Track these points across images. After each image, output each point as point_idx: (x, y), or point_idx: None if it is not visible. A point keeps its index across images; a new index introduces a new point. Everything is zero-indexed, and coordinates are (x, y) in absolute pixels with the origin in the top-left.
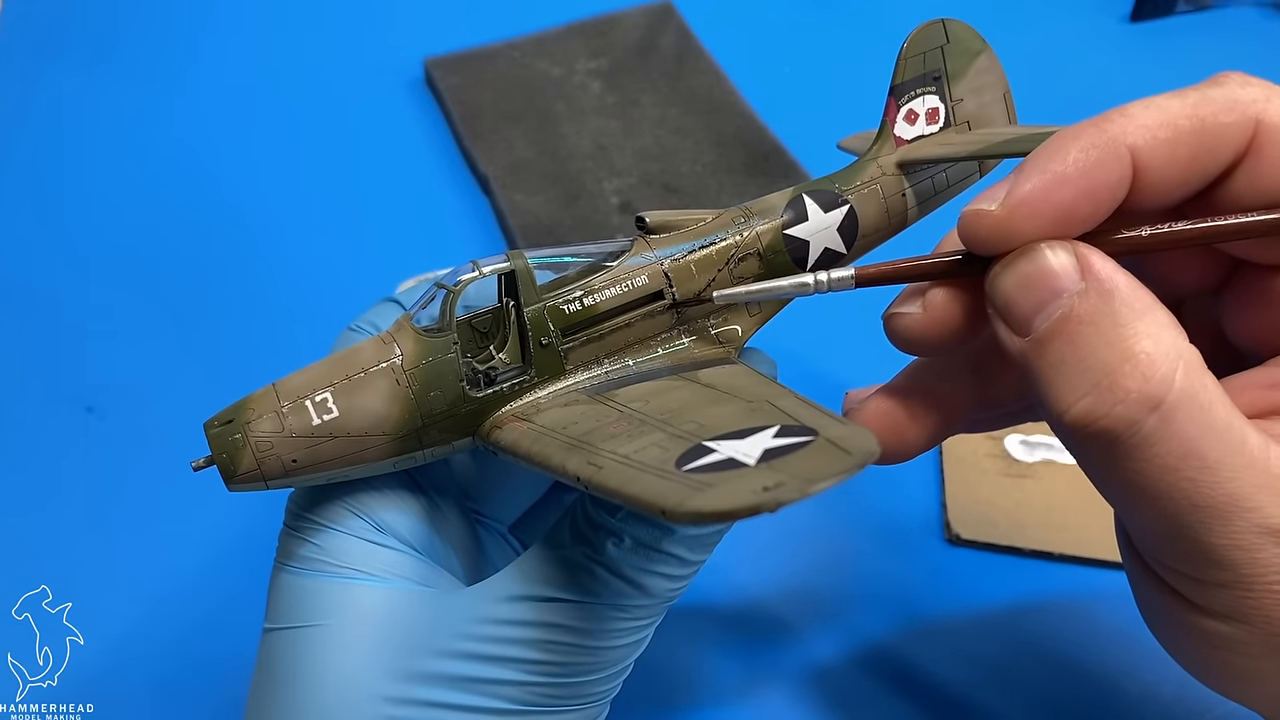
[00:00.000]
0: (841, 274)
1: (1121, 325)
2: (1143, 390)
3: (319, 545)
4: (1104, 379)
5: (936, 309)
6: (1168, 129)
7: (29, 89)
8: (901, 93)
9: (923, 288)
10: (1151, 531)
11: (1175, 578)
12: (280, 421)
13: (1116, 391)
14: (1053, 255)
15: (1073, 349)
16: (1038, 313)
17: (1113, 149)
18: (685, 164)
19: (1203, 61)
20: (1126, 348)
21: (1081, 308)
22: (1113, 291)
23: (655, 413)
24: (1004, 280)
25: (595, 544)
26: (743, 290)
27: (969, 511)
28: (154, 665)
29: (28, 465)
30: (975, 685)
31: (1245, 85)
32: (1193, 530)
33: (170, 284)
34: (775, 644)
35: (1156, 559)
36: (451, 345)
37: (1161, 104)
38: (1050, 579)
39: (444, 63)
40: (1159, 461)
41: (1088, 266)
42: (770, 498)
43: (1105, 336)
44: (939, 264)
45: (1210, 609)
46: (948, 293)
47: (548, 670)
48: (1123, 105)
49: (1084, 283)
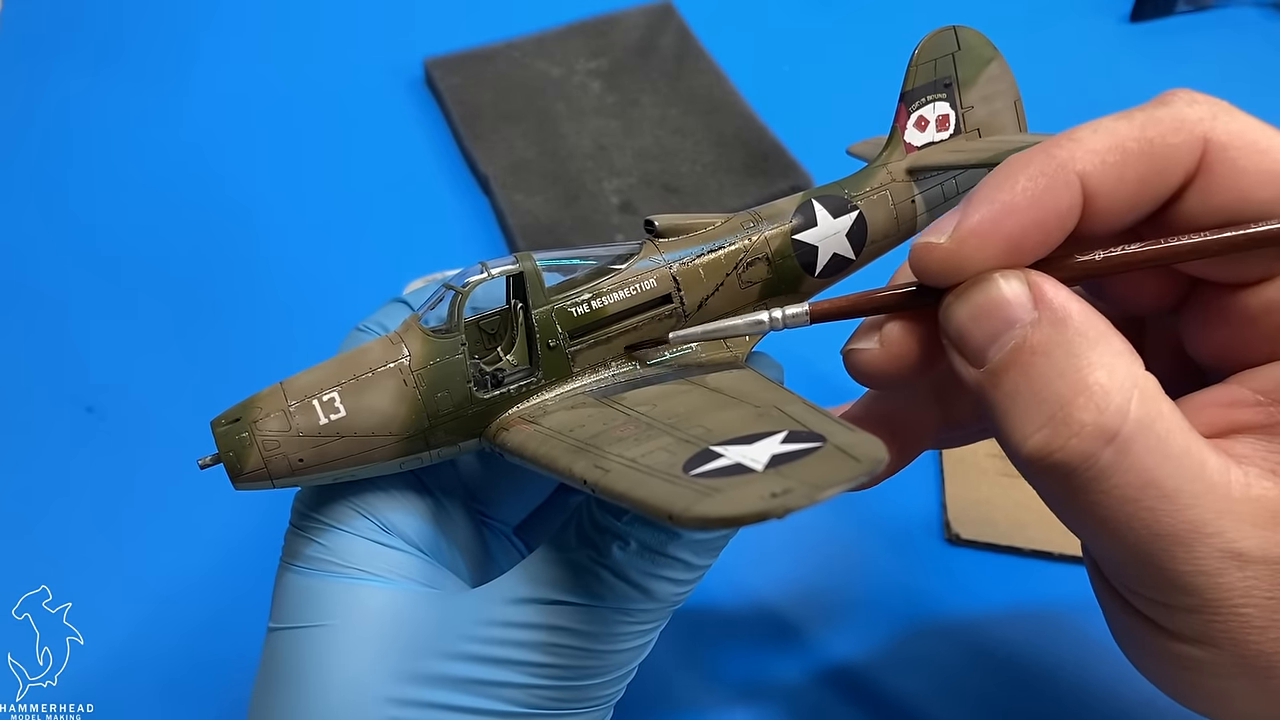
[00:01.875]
0: (796, 310)
1: (1075, 355)
2: (1097, 422)
3: (325, 545)
4: (1058, 412)
5: (893, 343)
6: (1116, 153)
7: (30, 89)
8: (912, 99)
9: (879, 321)
10: (1116, 559)
11: (1143, 603)
12: (287, 420)
13: (1071, 425)
14: (1005, 284)
15: (1027, 380)
16: (991, 343)
17: (1061, 176)
18: (685, 164)
19: (1203, 62)
20: (1080, 378)
21: (1035, 338)
22: (1066, 320)
23: (662, 417)
24: (957, 311)
25: (601, 547)
26: (698, 330)
27: (969, 511)
28: (155, 665)
29: (28, 465)
30: (975, 685)
31: (1192, 104)
32: (1156, 558)
33: (170, 283)
34: (775, 644)
35: (1123, 585)
36: (459, 346)
37: (1109, 127)
38: (1050, 579)
39: (444, 63)
40: (1117, 493)
41: (1040, 295)
42: (778, 504)
43: (1059, 367)
44: (892, 297)
45: (1178, 633)
46: (903, 326)
47: (553, 673)
48: (1071, 130)
49: (1037, 312)
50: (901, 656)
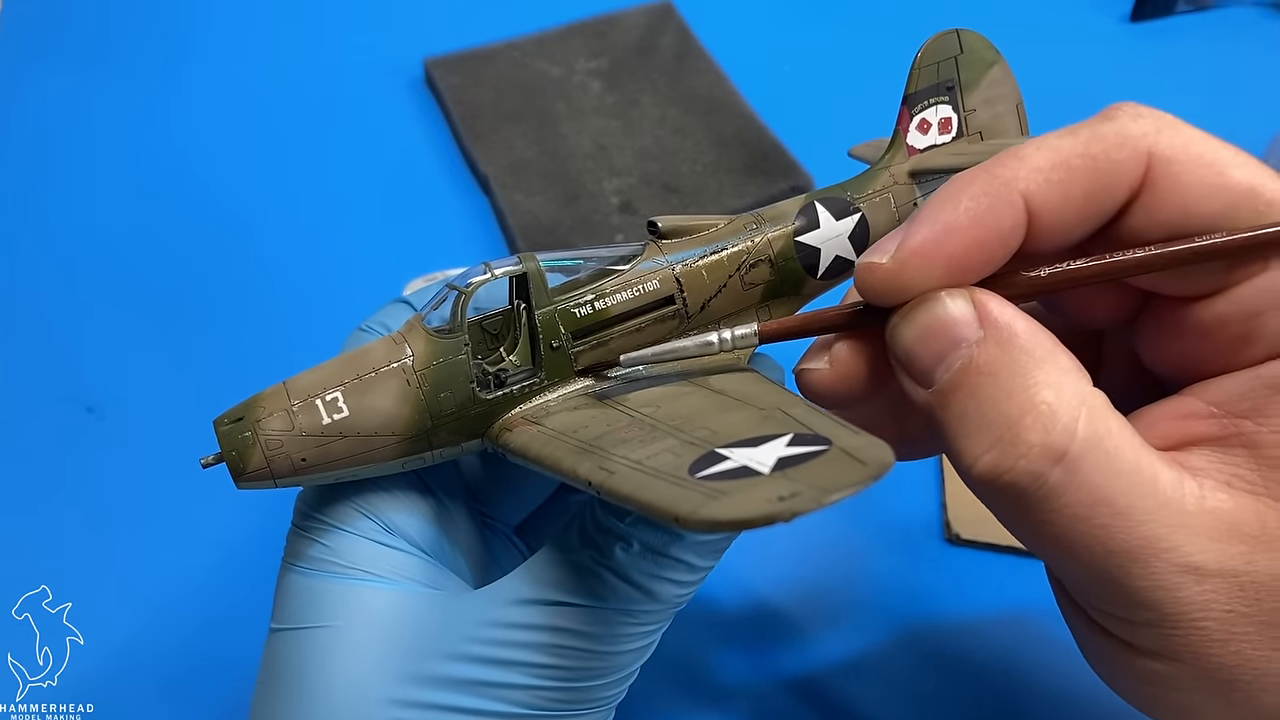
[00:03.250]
0: (744, 330)
1: (1021, 374)
2: (1045, 442)
3: (328, 546)
4: (1006, 432)
5: (841, 363)
6: (1060, 170)
7: (26, 90)
8: (914, 102)
9: (828, 341)
10: (1074, 577)
11: (1105, 619)
12: (290, 420)
13: (1019, 445)
14: (950, 303)
15: (975, 401)
16: (938, 364)
17: (1005, 195)
18: (685, 164)
19: (1203, 61)
20: (1027, 398)
21: (981, 357)
22: (1011, 339)
23: (666, 418)
24: (903, 332)
25: (603, 548)
26: (649, 351)
27: (969, 511)
28: (155, 666)
29: (28, 465)
30: (975, 685)
31: (1136, 118)
32: (1112, 574)
33: (170, 283)
34: (775, 643)
35: (1085, 601)
36: (462, 347)
37: (1053, 144)
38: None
39: (444, 63)
40: (1069, 511)
41: (985, 314)
42: (785, 507)
43: (1005, 387)
44: (839, 316)
45: (1141, 647)
46: (851, 346)
47: (555, 674)
48: (1015, 147)
49: (982, 330)
50: (901, 656)
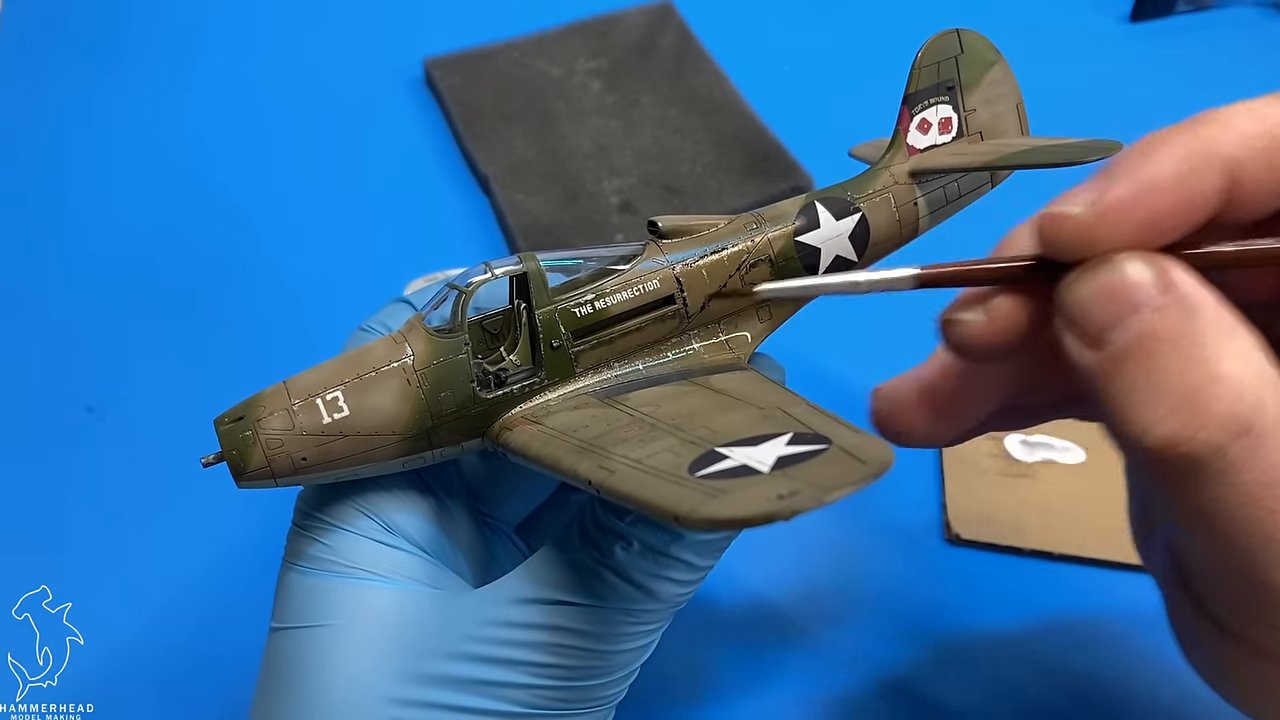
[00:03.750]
0: (902, 274)
1: (1205, 345)
2: (1232, 413)
3: (328, 545)
4: (1187, 401)
5: (1001, 317)
6: (1265, 138)
7: (31, 86)
8: (915, 102)
9: (984, 294)
10: (1223, 566)
11: (1228, 610)
12: (291, 419)
13: (1201, 415)
14: (1133, 266)
15: (1152, 368)
16: (1114, 326)
17: (1209, 158)
18: (685, 164)
19: (1203, 61)
20: (1211, 369)
21: (1162, 324)
22: (1197, 309)
23: (666, 418)
24: (1079, 290)
25: (604, 548)
26: (791, 284)
27: (969, 511)
28: (155, 665)
29: (28, 464)
30: (975, 685)
31: None
32: (1263, 565)
33: (170, 282)
34: (774, 643)
35: (1222, 600)
36: (463, 346)
37: (1260, 111)
38: (1050, 579)
39: (444, 63)
40: (1243, 490)
41: (1171, 281)
42: (785, 506)
43: (1187, 356)
44: (1008, 268)
45: (1264, 647)
46: (1014, 300)
47: (556, 673)
48: (1219, 109)
49: (1165, 298)
50: (900, 656)
